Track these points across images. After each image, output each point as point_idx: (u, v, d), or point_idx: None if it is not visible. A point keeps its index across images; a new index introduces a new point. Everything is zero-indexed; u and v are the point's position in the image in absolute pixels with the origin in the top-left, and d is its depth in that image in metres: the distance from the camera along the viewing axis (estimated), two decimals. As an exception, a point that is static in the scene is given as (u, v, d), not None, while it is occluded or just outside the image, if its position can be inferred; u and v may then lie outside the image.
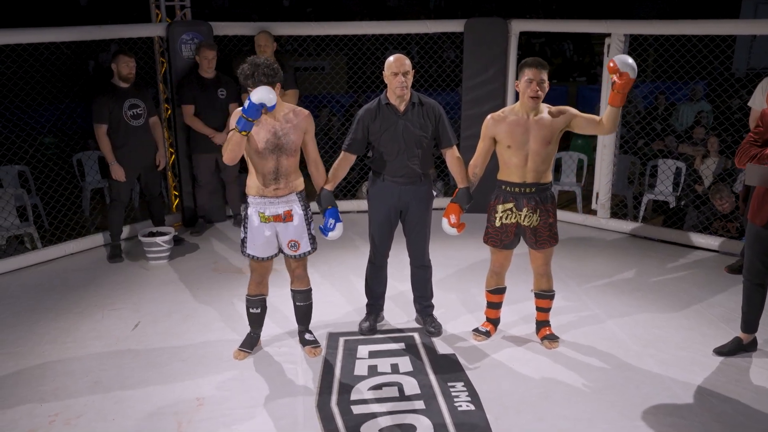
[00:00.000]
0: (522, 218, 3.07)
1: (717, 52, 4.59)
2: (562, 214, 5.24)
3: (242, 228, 3.03)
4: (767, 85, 3.92)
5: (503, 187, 3.09)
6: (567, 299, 3.77)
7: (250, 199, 2.97)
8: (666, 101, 7.13)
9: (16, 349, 3.30)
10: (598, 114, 3.16)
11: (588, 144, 6.50)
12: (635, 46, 4.79)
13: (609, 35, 4.68)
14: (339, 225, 3.09)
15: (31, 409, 2.80)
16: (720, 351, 3.17)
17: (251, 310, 3.17)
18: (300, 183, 3.01)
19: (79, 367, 3.12)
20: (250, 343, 3.22)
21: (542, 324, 3.33)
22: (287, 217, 2.96)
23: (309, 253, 3.08)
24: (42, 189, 5.04)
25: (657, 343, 3.30)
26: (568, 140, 6.93)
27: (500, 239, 3.14)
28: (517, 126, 2.99)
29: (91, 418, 2.74)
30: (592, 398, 2.83)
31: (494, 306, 3.37)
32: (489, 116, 3.08)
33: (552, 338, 3.28)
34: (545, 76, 2.93)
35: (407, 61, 3.03)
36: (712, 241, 4.55)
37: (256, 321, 3.21)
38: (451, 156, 3.18)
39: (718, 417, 2.70)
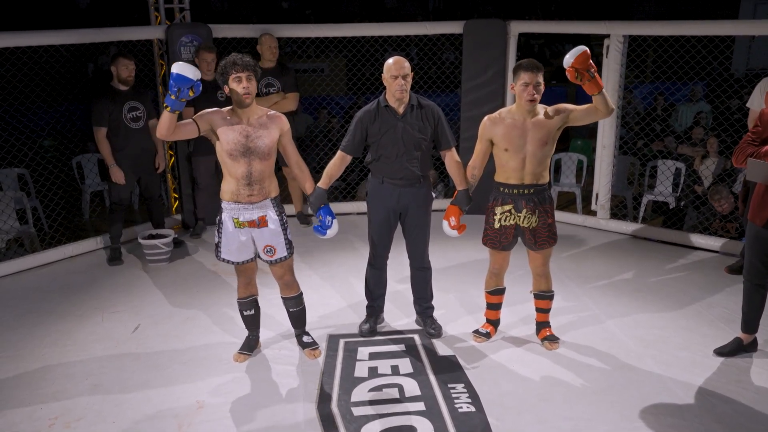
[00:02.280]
0: (521, 220, 3.07)
1: (716, 52, 4.60)
2: (561, 215, 5.25)
3: (216, 233, 3.01)
4: (766, 86, 3.93)
5: (501, 188, 3.08)
6: (567, 300, 3.77)
7: (224, 204, 2.94)
8: (665, 102, 7.14)
9: (16, 352, 3.30)
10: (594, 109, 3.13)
11: (587, 145, 6.51)
12: (634, 46, 4.80)
13: (608, 36, 4.69)
14: (335, 221, 3.07)
15: (31, 411, 2.80)
16: (720, 351, 3.16)
17: (245, 313, 3.17)
18: (274, 188, 2.99)
19: (79, 370, 3.12)
20: (249, 346, 3.22)
21: (542, 325, 3.33)
22: (261, 222, 2.94)
23: (285, 258, 3.03)
24: (41, 192, 5.04)
25: (657, 343, 3.30)
26: (567, 141, 6.93)
27: (499, 241, 3.14)
28: (513, 128, 2.98)
29: (91, 421, 2.73)
30: (592, 399, 2.83)
31: (494, 307, 3.37)
32: (486, 117, 3.07)
33: (552, 339, 3.28)
34: (541, 79, 2.92)
35: (406, 64, 3.03)
36: (712, 242, 4.55)
37: (252, 323, 3.21)
38: (450, 158, 3.18)
39: (718, 418, 2.70)
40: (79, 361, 3.20)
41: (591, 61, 2.88)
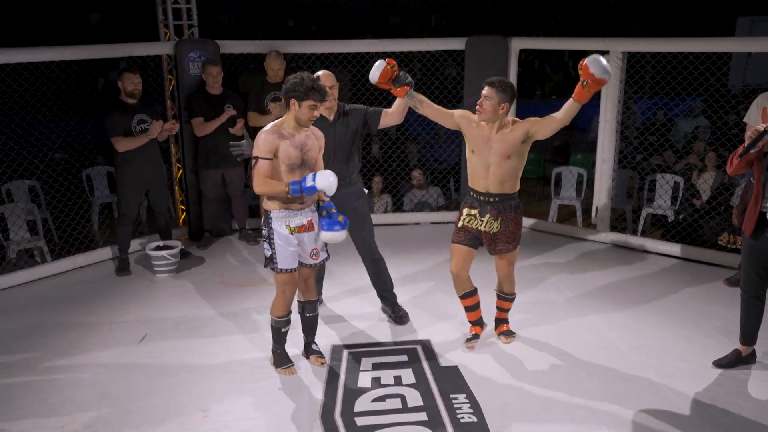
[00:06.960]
0: (483, 224, 3.19)
1: (713, 69, 4.67)
2: (562, 228, 5.31)
3: (268, 245, 3.00)
4: (762, 101, 4.00)
5: (471, 193, 3.25)
6: (567, 311, 3.81)
7: (273, 214, 2.97)
8: (664, 116, 7.21)
9: (25, 361, 3.35)
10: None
11: (587, 159, 6.58)
12: (633, 63, 4.88)
13: (607, 52, 4.76)
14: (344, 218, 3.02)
15: (39, 420, 2.84)
16: (719, 363, 3.20)
17: (282, 330, 3.14)
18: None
19: (87, 379, 3.17)
20: (288, 357, 3.22)
21: (501, 321, 3.50)
22: (310, 226, 3.03)
23: (327, 259, 3.16)
24: (52, 203, 5.11)
25: (657, 354, 3.33)
26: (567, 155, 7.00)
27: (459, 237, 3.27)
28: (481, 135, 3.13)
29: (98, 430, 2.77)
30: (593, 409, 2.87)
31: (471, 309, 3.43)
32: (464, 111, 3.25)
33: (508, 334, 3.45)
34: (489, 92, 3.06)
35: (332, 77, 3.42)
36: (710, 255, 4.58)
37: (285, 337, 3.20)
38: (386, 112, 3.45)
39: (717, 428, 2.73)
40: (87, 370, 3.24)
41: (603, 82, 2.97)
